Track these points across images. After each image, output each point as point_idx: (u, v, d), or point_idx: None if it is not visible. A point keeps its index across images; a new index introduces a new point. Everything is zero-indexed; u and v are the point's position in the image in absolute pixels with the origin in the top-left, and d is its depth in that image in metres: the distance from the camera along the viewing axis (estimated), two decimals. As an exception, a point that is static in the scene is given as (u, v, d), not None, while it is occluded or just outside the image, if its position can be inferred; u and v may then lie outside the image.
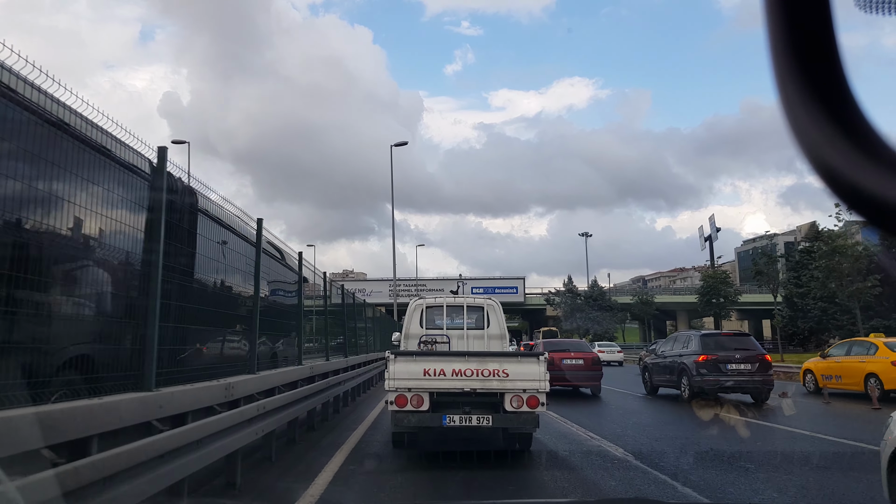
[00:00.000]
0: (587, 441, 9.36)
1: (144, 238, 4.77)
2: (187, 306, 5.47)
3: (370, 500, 6.15)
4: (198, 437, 4.73)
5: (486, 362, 7.45)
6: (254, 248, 7.59)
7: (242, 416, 5.88)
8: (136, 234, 4.73)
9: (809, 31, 0.65)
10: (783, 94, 0.66)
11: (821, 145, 0.64)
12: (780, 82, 0.66)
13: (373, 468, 7.52)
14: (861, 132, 0.64)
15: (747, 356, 14.79)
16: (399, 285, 66.28)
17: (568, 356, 16.93)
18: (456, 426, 7.32)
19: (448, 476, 7.09)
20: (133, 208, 4.65)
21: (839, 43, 0.65)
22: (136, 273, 4.78)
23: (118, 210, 4.46)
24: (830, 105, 0.65)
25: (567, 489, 6.53)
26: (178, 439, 4.32)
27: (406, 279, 70.70)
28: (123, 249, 4.67)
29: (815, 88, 0.65)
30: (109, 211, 4.32)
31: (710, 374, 14.61)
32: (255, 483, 6.27)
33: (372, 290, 63.30)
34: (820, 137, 0.64)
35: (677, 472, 7.11)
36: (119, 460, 3.44)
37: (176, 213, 5.28)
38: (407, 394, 7.36)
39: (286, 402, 7.60)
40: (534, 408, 7.34)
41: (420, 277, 71.55)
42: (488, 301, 9.94)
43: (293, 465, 7.34)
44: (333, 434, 9.66)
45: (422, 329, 9.69)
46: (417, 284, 67.33)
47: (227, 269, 7.06)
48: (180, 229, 5.37)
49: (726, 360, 14.68)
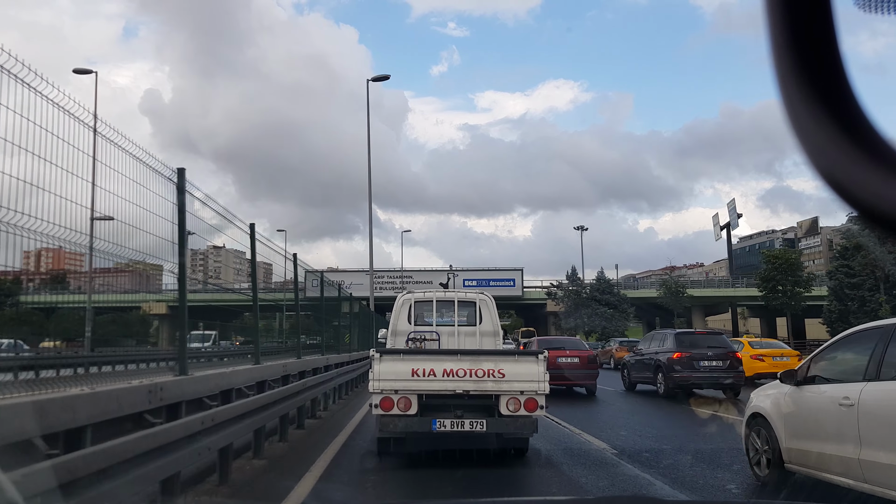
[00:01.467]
0: (559, 428, 9.93)
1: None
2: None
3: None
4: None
5: (481, 361, 6.90)
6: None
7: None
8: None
9: (810, 30, 0.65)
10: (785, 93, 0.67)
11: (822, 145, 0.65)
12: (782, 81, 0.66)
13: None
14: (863, 132, 0.64)
15: (719, 353, 15.74)
16: (382, 277, 59.80)
17: (563, 354, 16.59)
18: (447, 431, 6.79)
19: (432, 473, 6.86)
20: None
21: (840, 42, 0.65)
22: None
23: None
24: (832, 105, 0.65)
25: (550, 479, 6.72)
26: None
27: (390, 270, 65.36)
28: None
29: (817, 88, 0.65)
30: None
31: (683, 371, 15.52)
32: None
33: (351, 281, 55.60)
34: (822, 137, 0.64)
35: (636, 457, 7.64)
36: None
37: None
38: (393, 396, 6.78)
39: (238, 412, 6.15)
40: (532, 411, 6.82)
41: (406, 268, 64.95)
42: (480, 295, 9.50)
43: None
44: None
45: (410, 325, 9.25)
46: (402, 277, 61.53)
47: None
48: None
49: (699, 358, 15.57)
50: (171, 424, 4.58)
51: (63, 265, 34.22)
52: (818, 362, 6.09)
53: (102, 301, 11.42)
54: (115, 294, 7.16)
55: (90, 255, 5.11)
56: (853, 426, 5.07)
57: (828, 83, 0.64)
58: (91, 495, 3.22)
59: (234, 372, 7.14)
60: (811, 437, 5.69)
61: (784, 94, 0.66)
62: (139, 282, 6.17)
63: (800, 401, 5.97)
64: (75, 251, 4.64)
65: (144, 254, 5.40)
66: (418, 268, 67.18)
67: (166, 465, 4.30)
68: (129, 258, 5.19)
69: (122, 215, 4.88)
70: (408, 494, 6.33)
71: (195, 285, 10.49)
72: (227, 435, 5.70)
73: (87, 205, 4.38)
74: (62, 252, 5.26)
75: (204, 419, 5.11)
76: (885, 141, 0.64)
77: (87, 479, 3.22)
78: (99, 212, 4.69)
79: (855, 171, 0.63)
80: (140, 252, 5.28)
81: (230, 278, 65.74)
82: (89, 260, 5.24)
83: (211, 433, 5.25)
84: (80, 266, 9.67)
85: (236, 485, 6.00)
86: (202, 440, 5.02)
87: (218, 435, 5.41)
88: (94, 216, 4.52)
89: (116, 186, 4.82)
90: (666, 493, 5.97)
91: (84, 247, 4.61)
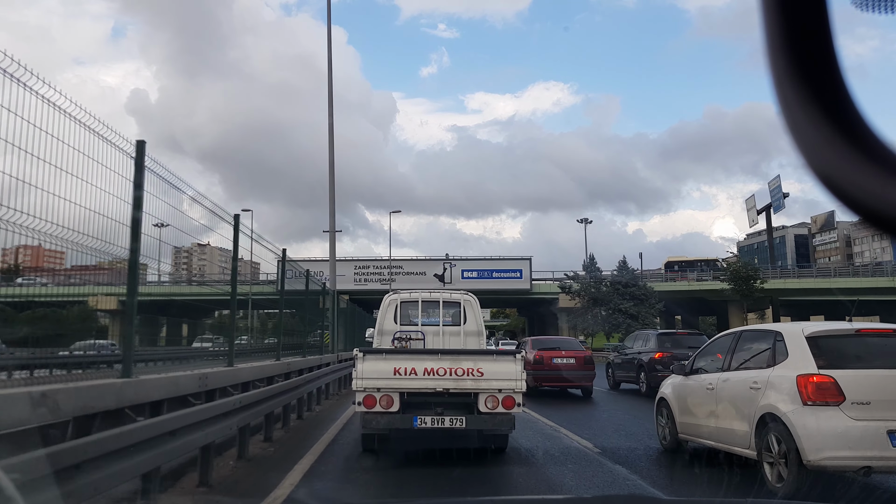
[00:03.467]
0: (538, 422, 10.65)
1: None
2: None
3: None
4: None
5: (460, 361, 7.13)
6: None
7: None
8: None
9: (807, 31, 0.65)
10: (781, 94, 0.66)
11: (818, 146, 0.65)
12: (777, 81, 0.66)
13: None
14: (858, 133, 0.64)
15: None
16: (367, 268, 53.63)
17: (558, 355, 16.47)
18: (428, 428, 7.00)
19: (412, 472, 7.04)
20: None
21: (836, 43, 0.64)
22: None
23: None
24: (828, 105, 0.64)
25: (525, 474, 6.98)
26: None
27: (375, 259, 56.56)
28: None
29: (813, 88, 0.65)
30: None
31: (664, 370, 16.20)
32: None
33: (329, 272, 54.65)
34: (817, 138, 0.64)
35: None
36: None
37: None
38: (376, 394, 7.05)
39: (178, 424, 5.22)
40: (510, 409, 7.07)
41: (395, 258, 55.46)
42: (465, 296, 9.72)
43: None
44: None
45: (396, 325, 9.45)
46: (391, 267, 53.00)
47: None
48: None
49: (681, 358, 16.72)
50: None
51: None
52: (700, 358, 7.91)
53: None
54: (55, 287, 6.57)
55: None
56: (713, 404, 7.06)
57: (823, 83, 0.65)
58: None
59: (174, 378, 6.06)
60: (692, 413, 7.62)
61: (779, 94, 0.66)
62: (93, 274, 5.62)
63: (685, 387, 7.91)
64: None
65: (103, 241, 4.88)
66: (409, 257, 58.91)
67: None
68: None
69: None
70: (393, 493, 6.39)
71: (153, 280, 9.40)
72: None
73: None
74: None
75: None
76: (881, 141, 0.64)
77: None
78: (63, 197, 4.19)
79: (851, 172, 0.63)
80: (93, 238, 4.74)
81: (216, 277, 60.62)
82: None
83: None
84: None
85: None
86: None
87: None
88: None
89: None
90: (658, 492, 6.22)
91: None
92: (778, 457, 5.83)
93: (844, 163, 0.63)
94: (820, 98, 0.65)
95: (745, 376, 6.63)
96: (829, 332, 6.23)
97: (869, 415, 5.50)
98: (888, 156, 0.63)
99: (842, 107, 0.65)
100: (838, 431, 5.46)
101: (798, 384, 5.72)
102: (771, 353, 6.41)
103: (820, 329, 6.23)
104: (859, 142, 0.64)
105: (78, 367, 8.14)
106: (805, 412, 5.62)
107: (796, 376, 5.78)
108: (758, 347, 6.80)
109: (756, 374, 6.44)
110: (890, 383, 5.63)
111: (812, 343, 5.97)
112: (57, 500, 3.20)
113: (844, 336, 6.24)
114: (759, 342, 6.84)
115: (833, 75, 0.65)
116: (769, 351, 6.47)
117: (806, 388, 5.68)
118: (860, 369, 5.81)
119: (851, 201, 0.64)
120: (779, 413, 5.81)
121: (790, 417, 5.68)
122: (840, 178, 0.64)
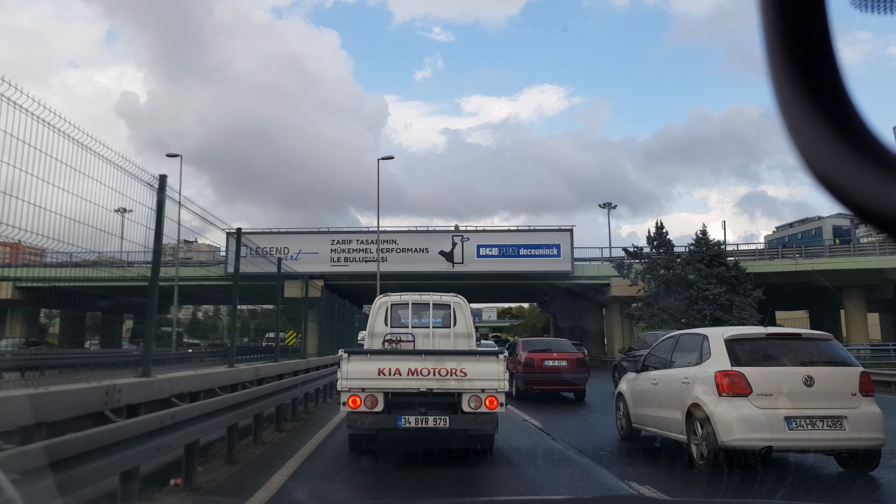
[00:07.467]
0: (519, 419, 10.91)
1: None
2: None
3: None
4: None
5: (444, 361, 7.29)
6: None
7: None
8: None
9: (805, 30, 0.64)
10: (779, 94, 0.66)
11: (816, 146, 0.64)
12: (776, 81, 0.66)
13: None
14: (857, 133, 0.64)
15: None
16: (350, 242, 40.60)
17: (550, 357, 16.05)
18: (412, 427, 7.15)
19: (399, 473, 7.10)
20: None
21: (835, 43, 0.64)
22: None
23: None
24: (826, 105, 0.64)
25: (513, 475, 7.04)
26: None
27: (359, 230, 42.99)
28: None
29: (811, 88, 0.64)
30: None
31: None
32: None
33: (301, 248, 37.31)
34: (816, 138, 0.64)
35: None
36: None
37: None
38: (360, 394, 7.17)
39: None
40: (493, 408, 7.21)
41: (387, 228, 41.00)
42: (455, 299, 9.82)
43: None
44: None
45: (387, 327, 9.54)
46: (384, 242, 38.37)
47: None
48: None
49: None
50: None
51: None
52: (649, 357, 9.10)
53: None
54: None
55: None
56: (657, 397, 8.26)
57: (822, 83, 0.64)
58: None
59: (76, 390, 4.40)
60: (641, 405, 8.79)
61: (778, 93, 0.66)
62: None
63: (637, 382, 9.10)
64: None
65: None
66: (405, 227, 43.20)
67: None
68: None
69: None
70: (376, 495, 6.45)
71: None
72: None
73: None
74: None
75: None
76: (880, 141, 0.63)
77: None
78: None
79: (849, 172, 0.62)
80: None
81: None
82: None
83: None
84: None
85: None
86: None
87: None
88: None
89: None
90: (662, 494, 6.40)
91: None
92: (700, 439, 7.00)
93: (843, 163, 0.62)
94: (818, 98, 0.64)
95: (679, 373, 7.81)
96: (744, 335, 7.38)
97: (771, 404, 6.66)
98: (887, 156, 0.62)
99: (840, 106, 0.64)
100: (746, 418, 6.61)
101: (716, 379, 6.90)
102: (699, 353, 7.55)
103: (736, 333, 7.42)
104: (858, 142, 0.63)
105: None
106: (721, 402, 6.78)
107: (714, 372, 6.96)
108: (690, 348, 7.91)
109: (687, 370, 7.61)
110: (789, 377, 6.80)
111: (729, 345, 7.10)
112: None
113: (755, 339, 7.33)
114: (692, 343, 7.96)
115: (832, 74, 0.64)
116: (697, 351, 7.61)
117: (721, 382, 6.84)
118: (766, 366, 6.93)
119: (849, 201, 0.63)
120: (701, 403, 6.97)
121: (709, 407, 6.84)
122: (838, 177, 0.63)
